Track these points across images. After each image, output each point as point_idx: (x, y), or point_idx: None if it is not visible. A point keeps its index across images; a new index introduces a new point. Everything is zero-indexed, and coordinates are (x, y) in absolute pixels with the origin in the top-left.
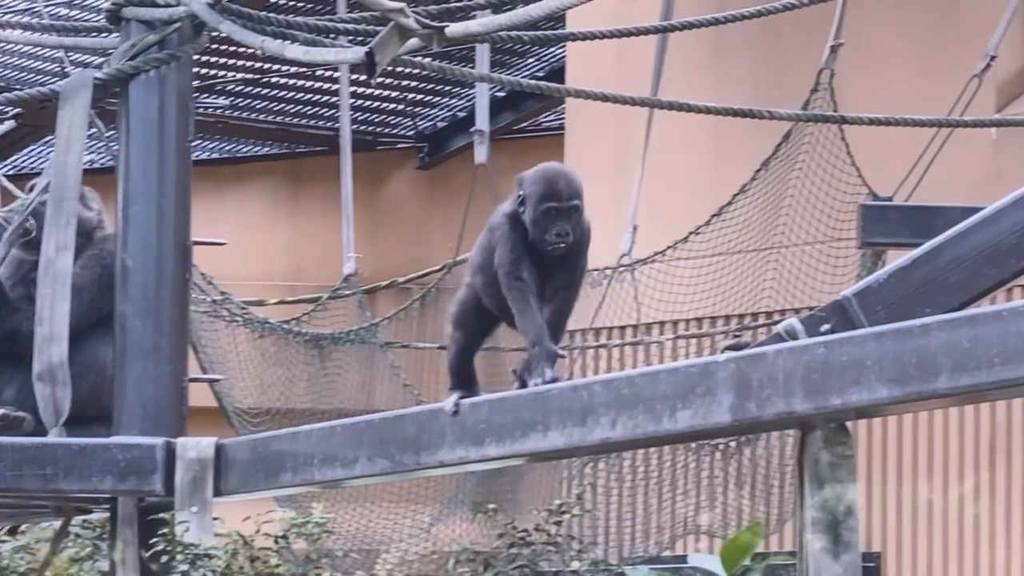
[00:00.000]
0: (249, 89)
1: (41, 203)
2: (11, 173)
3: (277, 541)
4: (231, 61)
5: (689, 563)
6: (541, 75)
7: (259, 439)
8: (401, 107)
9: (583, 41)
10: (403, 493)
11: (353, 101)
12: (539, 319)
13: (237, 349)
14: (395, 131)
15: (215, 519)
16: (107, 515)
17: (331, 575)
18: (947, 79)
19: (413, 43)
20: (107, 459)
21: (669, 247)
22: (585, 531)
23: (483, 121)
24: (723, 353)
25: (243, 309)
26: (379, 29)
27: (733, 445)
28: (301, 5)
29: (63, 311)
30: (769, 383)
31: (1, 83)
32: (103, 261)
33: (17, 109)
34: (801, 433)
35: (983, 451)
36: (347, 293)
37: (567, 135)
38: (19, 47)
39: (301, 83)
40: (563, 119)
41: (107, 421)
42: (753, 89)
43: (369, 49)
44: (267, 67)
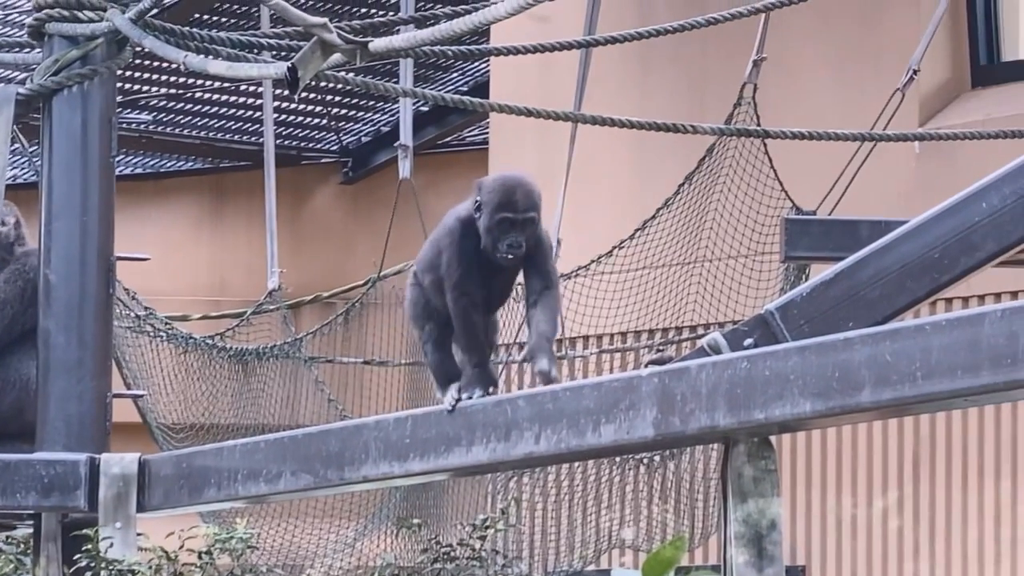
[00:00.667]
0: (172, 104)
1: None
2: None
3: (201, 557)
4: (154, 76)
5: None
6: (465, 90)
7: (183, 455)
8: (325, 122)
9: (507, 56)
10: (327, 508)
11: (277, 116)
12: (481, 338)
13: (161, 364)
14: (319, 146)
15: (139, 535)
16: (31, 531)
17: None
18: (870, 93)
19: (336, 58)
20: (30, 475)
21: (593, 261)
22: (510, 546)
23: (407, 136)
24: (647, 367)
25: (167, 324)
26: (303, 44)
27: (657, 459)
28: (225, 20)
29: None
30: (692, 397)
31: None
32: (26, 276)
33: None
34: (725, 447)
35: (906, 465)
36: (271, 308)
37: (491, 149)
38: None
39: (225, 98)
40: (487, 133)
41: (30, 437)
42: (677, 103)
43: (292, 64)
44: (190, 82)
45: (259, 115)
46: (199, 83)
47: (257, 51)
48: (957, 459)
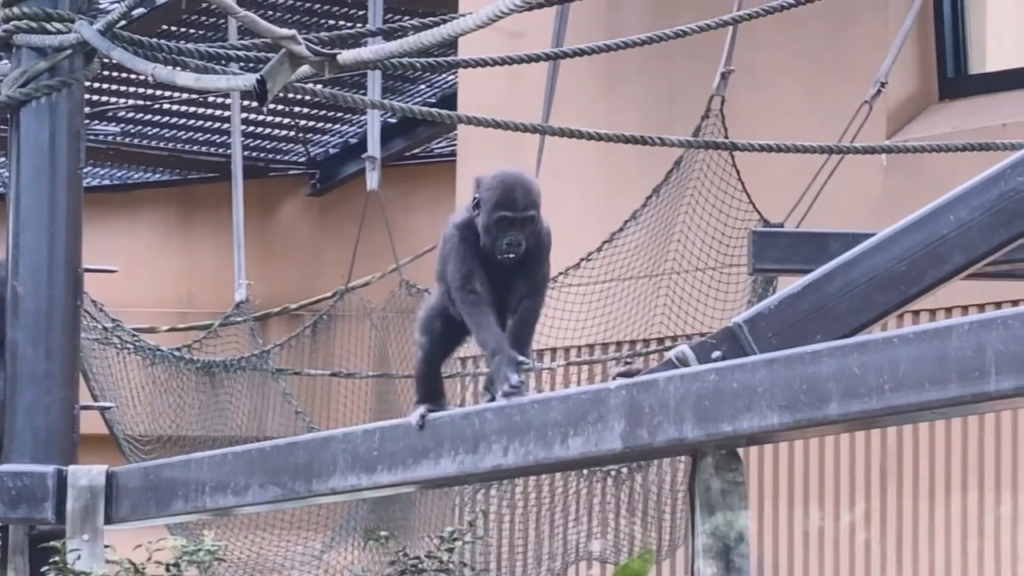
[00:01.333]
0: (140, 116)
1: None
2: None
3: (168, 569)
4: (122, 88)
5: None
6: (433, 102)
7: (150, 467)
8: (293, 134)
9: (475, 68)
10: (295, 520)
11: (245, 128)
12: (496, 328)
13: (128, 376)
14: (287, 158)
15: (106, 547)
16: None
17: None
18: (838, 106)
19: (305, 70)
20: None
21: (560, 273)
22: (477, 558)
23: (374, 148)
24: (614, 380)
25: (134, 336)
26: (271, 56)
27: (625, 471)
28: (193, 32)
29: None
30: (660, 410)
31: None
32: None
33: None
34: (693, 460)
35: (874, 477)
36: (239, 320)
37: (459, 161)
38: None
39: (193, 110)
40: (455, 145)
41: None
42: (644, 116)
43: (260, 76)
44: (159, 94)
45: (227, 127)
46: (167, 95)
47: (225, 63)
48: (924, 472)
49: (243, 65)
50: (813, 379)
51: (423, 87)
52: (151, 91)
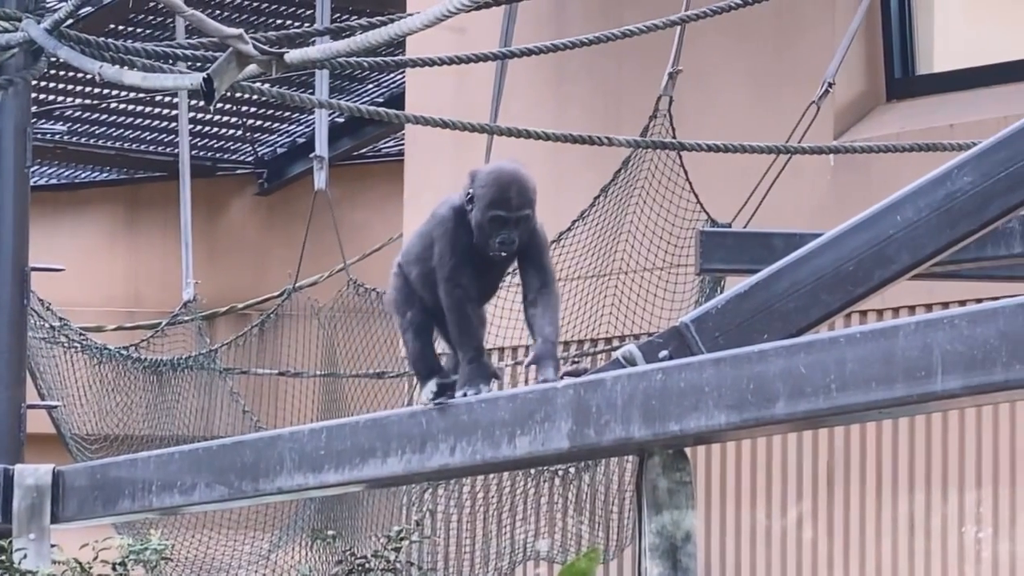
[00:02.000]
0: (88, 115)
1: None
2: None
3: (115, 568)
4: (69, 87)
5: None
6: (381, 101)
7: (97, 466)
8: (240, 133)
9: (422, 67)
10: (242, 520)
11: (192, 127)
12: (478, 332)
13: (75, 375)
14: (234, 157)
15: (53, 546)
16: None
17: None
18: (786, 106)
19: (252, 69)
20: None
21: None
22: (425, 557)
23: (322, 147)
24: (562, 379)
25: (82, 335)
26: (219, 55)
27: (573, 471)
28: (141, 31)
29: None
30: (607, 409)
31: None
32: None
33: None
34: (640, 459)
35: (821, 477)
36: (186, 319)
37: (406, 161)
38: None
39: (140, 109)
40: (403, 145)
41: None
42: (592, 116)
43: (207, 75)
44: (106, 93)
45: (175, 126)
46: (115, 94)
47: (173, 62)
48: (872, 471)
49: (191, 64)
50: (760, 379)
51: (371, 87)
52: (98, 90)
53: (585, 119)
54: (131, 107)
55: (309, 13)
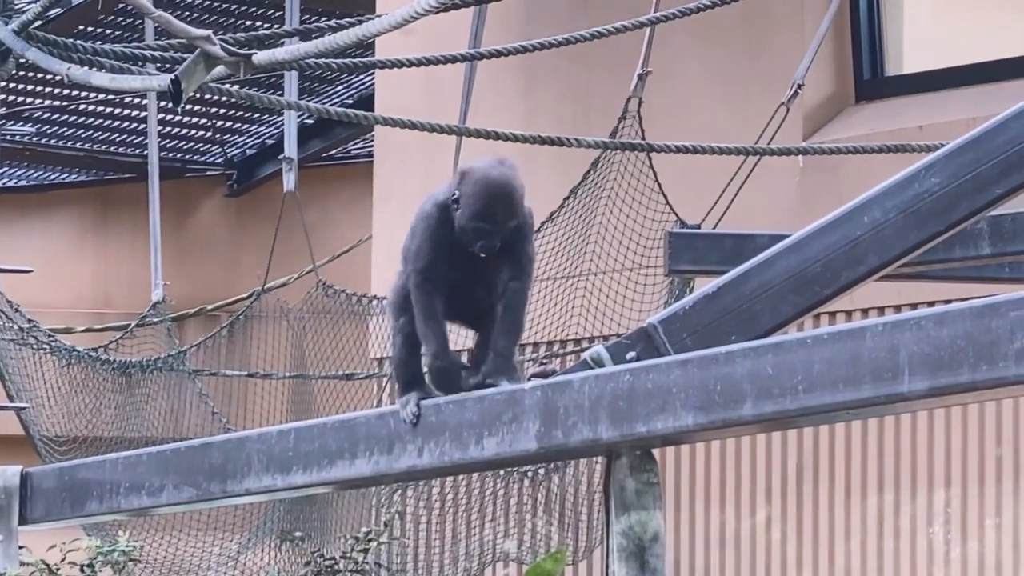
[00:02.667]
0: (56, 116)
1: None
2: None
3: (83, 570)
4: (38, 88)
5: None
6: (350, 103)
7: (65, 467)
8: (210, 134)
9: (391, 69)
10: (211, 521)
11: (161, 128)
12: (442, 329)
13: (44, 377)
14: (204, 158)
15: (21, 547)
16: None
17: None
18: (755, 107)
19: (220, 70)
20: None
21: None
22: (393, 559)
23: (291, 149)
24: (530, 380)
25: (50, 337)
26: (187, 57)
27: (542, 472)
28: (110, 32)
29: None
30: (575, 410)
31: None
32: None
33: None
34: (608, 460)
35: (789, 478)
36: (155, 321)
37: (376, 163)
38: None
39: (109, 110)
40: (372, 146)
41: None
42: (562, 117)
43: (175, 77)
44: (75, 94)
45: (144, 127)
46: (83, 95)
47: (141, 63)
48: (840, 472)
49: (159, 66)
50: (727, 380)
51: (340, 88)
52: (67, 91)
53: (554, 120)
54: (100, 108)
55: (279, 14)
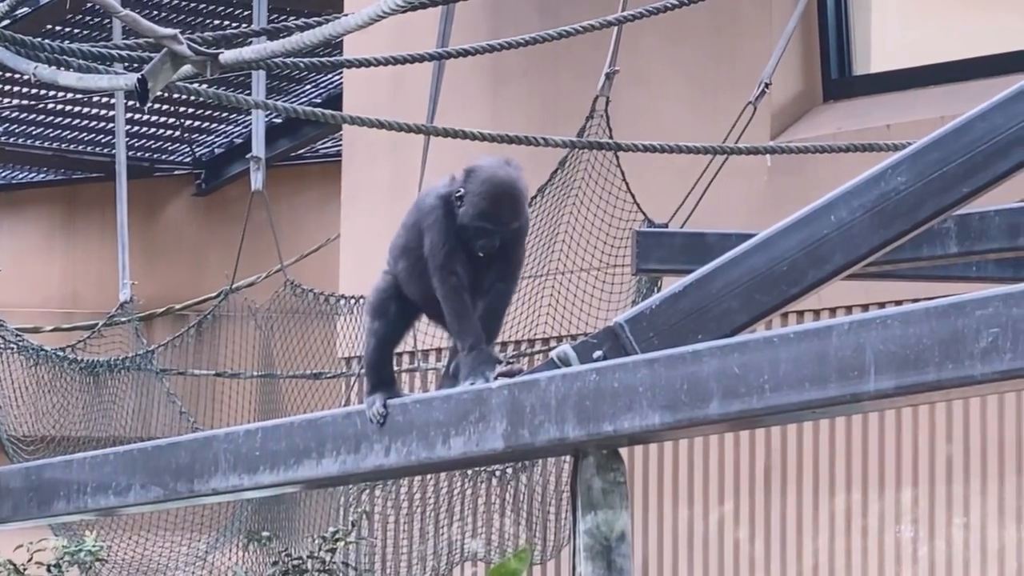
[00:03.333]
0: (24, 115)
1: None
2: None
3: (50, 570)
4: (5, 87)
5: None
6: (318, 102)
7: (32, 467)
8: (178, 134)
9: (359, 68)
10: (179, 521)
11: (129, 127)
12: (475, 321)
13: (11, 376)
14: (172, 158)
15: None
16: None
17: None
18: (723, 106)
19: (187, 70)
20: None
21: None
22: (361, 558)
23: (259, 148)
24: (496, 379)
25: (18, 336)
26: (155, 56)
27: (510, 472)
28: (77, 32)
29: None
30: (542, 409)
31: None
32: None
33: None
34: (574, 459)
35: (757, 476)
36: (123, 320)
37: (344, 162)
38: None
39: (77, 109)
40: (340, 146)
41: None
42: (529, 116)
43: (142, 76)
44: (43, 93)
45: (112, 126)
46: (51, 94)
47: (109, 63)
48: (808, 470)
49: (127, 65)
50: (694, 379)
51: (309, 87)
52: (35, 90)
53: (522, 119)
54: (68, 108)
55: (247, 14)
